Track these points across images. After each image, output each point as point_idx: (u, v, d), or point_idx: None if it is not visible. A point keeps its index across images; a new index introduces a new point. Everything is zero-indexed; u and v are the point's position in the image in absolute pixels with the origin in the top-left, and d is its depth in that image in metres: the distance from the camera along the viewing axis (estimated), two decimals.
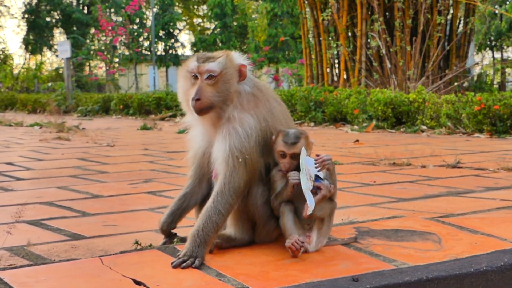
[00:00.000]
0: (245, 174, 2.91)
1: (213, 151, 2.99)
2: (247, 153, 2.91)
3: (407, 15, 15.31)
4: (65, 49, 22.10)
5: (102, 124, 15.27)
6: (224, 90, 2.95)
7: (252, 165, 2.93)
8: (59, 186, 5.25)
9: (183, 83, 3.02)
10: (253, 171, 2.95)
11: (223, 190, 2.87)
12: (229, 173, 2.89)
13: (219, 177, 2.92)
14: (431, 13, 15.48)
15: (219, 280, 2.56)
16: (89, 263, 2.80)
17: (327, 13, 16.60)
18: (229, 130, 2.92)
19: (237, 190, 2.89)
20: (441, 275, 2.66)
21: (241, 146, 2.90)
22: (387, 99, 11.63)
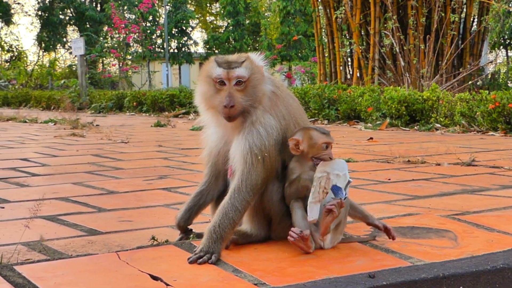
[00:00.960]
0: (262, 171, 2.91)
1: (232, 149, 3.00)
2: (266, 151, 2.92)
3: (421, 13, 15.28)
4: (79, 46, 22.17)
5: (116, 121, 15.32)
6: (253, 94, 2.96)
7: (270, 163, 2.94)
8: (75, 182, 5.27)
9: (206, 88, 2.99)
10: (271, 169, 2.95)
11: (240, 187, 2.88)
12: (247, 170, 2.89)
13: (237, 174, 2.93)
14: (445, 11, 15.44)
15: (235, 275, 2.57)
16: (106, 258, 2.82)
17: (341, 11, 16.59)
18: (250, 130, 2.94)
19: (254, 187, 2.90)
20: (458, 272, 2.65)
21: (261, 144, 2.91)
22: (401, 97, 11.61)
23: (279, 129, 2.99)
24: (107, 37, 41.96)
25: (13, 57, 52.82)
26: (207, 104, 3.01)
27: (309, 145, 2.94)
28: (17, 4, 56.00)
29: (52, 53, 53.46)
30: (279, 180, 3.01)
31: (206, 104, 3.02)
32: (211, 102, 2.97)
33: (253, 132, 2.93)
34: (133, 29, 31.99)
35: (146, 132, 11.29)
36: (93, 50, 35.41)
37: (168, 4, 45.76)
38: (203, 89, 3.01)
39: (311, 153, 2.94)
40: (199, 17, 59.83)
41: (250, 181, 2.89)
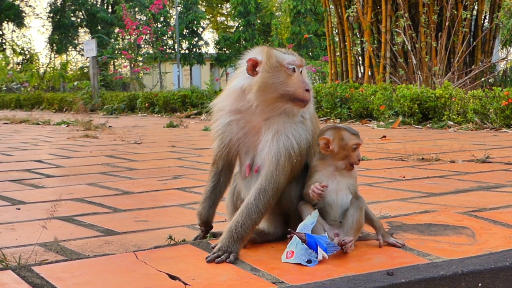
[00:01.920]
0: (289, 174, 2.90)
1: (262, 145, 2.95)
2: (299, 155, 2.91)
3: (432, 10, 15.23)
4: (91, 48, 22.22)
5: (129, 122, 15.35)
6: None
7: (298, 166, 2.94)
8: (89, 183, 5.28)
9: (273, 77, 2.89)
10: (296, 172, 2.95)
11: (266, 189, 2.86)
12: (277, 173, 2.87)
13: (263, 173, 2.90)
14: (457, 8, 15.38)
15: (253, 274, 2.56)
16: (124, 258, 2.82)
17: (352, 9, 16.56)
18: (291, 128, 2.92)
19: (279, 189, 2.88)
20: (476, 269, 2.64)
21: (297, 147, 2.89)
22: (413, 95, 11.59)
23: (311, 131, 3.00)
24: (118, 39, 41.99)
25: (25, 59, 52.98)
26: (274, 92, 2.89)
27: (339, 145, 2.91)
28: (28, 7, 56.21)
29: (63, 55, 53.63)
30: (296, 178, 3.00)
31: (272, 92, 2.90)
32: (281, 90, 2.88)
33: (295, 132, 2.92)
34: (144, 30, 32.02)
35: (159, 133, 11.31)
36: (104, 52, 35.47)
37: (179, 5, 45.81)
38: (269, 77, 2.89)
39: (341, 154, 2.91)
40: (210, 17, 59.85)
41: (278, 184, 2.87)
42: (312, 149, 3.05)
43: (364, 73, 17.40)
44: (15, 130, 12.96)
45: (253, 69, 2.93)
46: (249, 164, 3.03)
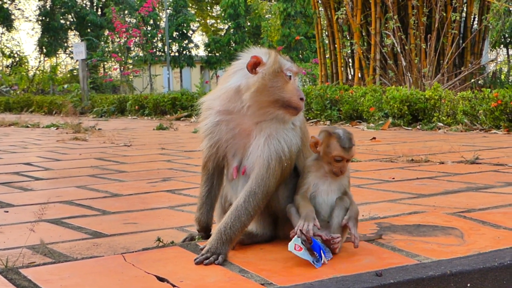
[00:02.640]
0: (279, 178, 2.90)
1: (252, 148, 2.94)
2: (290, 159, 2.91)
3: (422, 12, 15.27)
4: (80, 51, 22.19)
5: (118, 124, 15.32)
6: None
7: (289, 169, 2.94)
8: (78, 185, 5.26)
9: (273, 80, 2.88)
10: (286, 175, 2.95)
11: (256, 192, 2.85)
12: (267, 176, 2.86)
13: (252, 176, 2.89)
14: (446, 10, 15.43)
15: (242, 276, 2.56)
16: (112, 260, 2.81)
17: (342, 11, 16.58)
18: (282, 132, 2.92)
19: (269, 193, 2.88)
20: (465, 269, 2.64)
21: (288, 151, 2.89)
22: (403, 96, 11.60)
23: (300, 136, 3.00)
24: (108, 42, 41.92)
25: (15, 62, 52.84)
26: (270, 96, 2.88)
27: (324, 151, 2.89)
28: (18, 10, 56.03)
29: (53, 58, 53.50)
30: (286, 180, 2.99)
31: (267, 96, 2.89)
32: (276, 95, 2.88)
33: (286, 137, 2.92)
34: (134, 33, 31.94)
35: (149, 135, 11.29)
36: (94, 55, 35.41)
37: (169, 8, 45.78)
38: (269, 80, 2.88)
39: (325, 159, 2.90)
40: (200, 20, 59.81)
41: (268, 187, 2.87)
42: (302, 153, 3.05)
43: (354, 75, 17.43)
44: (4, 133, 12.92)
45: (254, 67, 2.92)
46: (237, 166, 3.02)
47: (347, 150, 2.85)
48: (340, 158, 2.85)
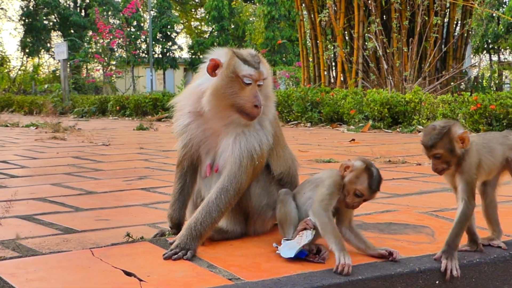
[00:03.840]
0: (251, 175, 2.91)
1: (223, 146, 2.95)
2: (262, 157, 2.90)
3: (404, 16, 15.32)
4: (62, 51, 22.09)
5: (98, 124, 15.26)
6: (267, 95, 2.99)
7: (260, 167, 2.94)
8: (53, 183, 5.22)
9: (226, 85, 2.88)
10: (258, 172, 2.95)
11: (228, 189, 2.85)
12: (239, 173, 2.87)
13: (225, 173, 2.90)
14: (428, 15, 15.49)
15: (210, 271, 2.55)
16: (80, 255, 2.79)
17: (324, 14, 16.60)
18: (252, 132, 2.92)
19: (241, 190, 2.88)
20: (434, 266, 2.65)
21: (259, 149, 2.90)
22: (383, 99, 11.63)
23: (272, 134, 2.99)
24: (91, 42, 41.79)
25: None
26: (225, 101, 2.89)
27: (350, 180, 2.75)
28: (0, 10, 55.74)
29: (36, 58, 53.25)
30: (257, 177, 2.99)
31: (222, 100, 2.89)
32: (231, 100, 2.88)
33: (256, 136, 2.92)
34: (117, 34, 31.87)
35: (128, 135, 11.25)
36: (77, 55, 35.28)
37: (153, 9, 45.68)
38: (221, 85, 2.88)
39: (347, 187, 2.76)
40: (184, 22, 59.72)
41: (239, 184, 2.86)
42: (275, 152, 3.05)
43: (337, 78, 17.44)
44: None
45: (213, 70, 2.92)
46: (210, 164, 3.02)
47: (371, 192, 2.76)
48: (360, 195, 2.75)
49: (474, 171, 2.73)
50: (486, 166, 2.79)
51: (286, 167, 3.13)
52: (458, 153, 2.70)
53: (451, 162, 2.71)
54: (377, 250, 2.72)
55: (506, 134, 2.92)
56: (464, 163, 2.72)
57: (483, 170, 2.78)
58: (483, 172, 2.79)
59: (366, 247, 2.75)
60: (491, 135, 2.92)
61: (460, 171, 2.73)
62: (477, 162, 2.74)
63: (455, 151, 2.69)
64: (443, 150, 2.69)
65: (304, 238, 2.70)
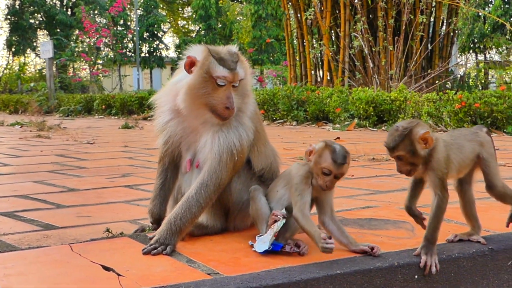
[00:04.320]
0: (231, 170, 2.91)
1: (202, 142, 2.96)
2: (242, 153, 2.90)
3: (390, 15, 15.35)
4: (47, 49, 22.02)
5: (84, 123, 15.21)
6: (243, 96, 2.97)
7: (240, 163, 2.93)
8: (36, 180, 5.20)
9: (200, 85, 2.89)
10: (238, 168, 2.95)
11: (208, 184, 2.85)
12: (219, 169, 2.87)
13: (205, 169, 2.90)
14: (414, 13, 15.52)
15: (189, 266, 2.55)
16: (58, 250, 2.78)
17: (310, 12, 16.61)
18: (231, 128, 2.92)
19: (221, 185, 2.88)
20: (413, 261, 2.66)
21: (241, 145, 2.90)
22: (368, 97, 11.65)
23: (252, 130, 2.99)
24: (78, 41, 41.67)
25: None
26: (198, 100, 2.90)
27: (315, 161, 2.77)
28: None
29: (21, 57, 53.04)
30: (238, 172, 3.00)
31: (196, 99, 2.90)
32: (204, 100, 2.89)
33: (236, 132, 2.92)
34: (103, 33, 31.80)
35: (113, 134, 11.22)
36: (63, 54, 35.18)
37: (139, 8, 45.60)
38: (195, 85, 2.89)
39: (314, 170, 2.78)
40: (171, 21, 59.63)
41: (220, 180, 2.86)
42: (256, 148, 3.05)
43: (323, 77, 17.45)
44: None
45: (190, 67, 2.93)
46: (190, 159, 3.03)
47: (338, 166, 2.74)
48: (328, 172, 2.74)
49: (444, 165, 2.71)
50: (456, 162, 2.76)
51: (268, 163, 3.13)
52: (421, 154, 2.67)
53: (415, 163, 2.69)
54: (359, 246, 2.72)
55: (476, 130, 2.90)
56: (432, 160, 2.69)
57: (453, 165, 2.75)
58: (454, 167, 2.76)
59: (349, 242, 2.75)
60: (459, 132, 2.89)
61: (430, 168, 2.71)
62: (446, 157, 2.71)
63: (417, 152, 2.66)
64: (404, 152, 2.66)
65: (275, 228, 2.71)
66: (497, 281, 2.84)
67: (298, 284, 2.39)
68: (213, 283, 2.32)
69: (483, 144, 2.85)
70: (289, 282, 2.38)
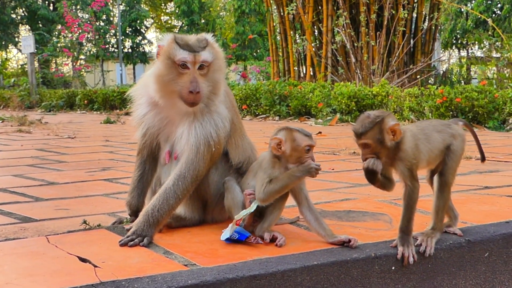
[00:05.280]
0: (209, 162, 2.90)
1: (178, 133, 2.95)
2: (218, 143, 2.90)
3: (372, 10, 15.37)
4: (29, 44, 21.87)
5: (66, 118, 15.12)
6: (213, 80, 2.94)
7: (217, 154, 2.93)
8: (15, 174, 5.18)
9: (165, 71, 2.88)
10: (216, 159, 2.95)
11: (185, 176, 2.84)
12: (196, 160, 2.86)
13: (182, 160, 2.89)
14: (396, 9, 15.56)
15: (166, 257, 2.54)
16: (35, 242, 2.77)
17: (292, 7, 16.61)
18: (209, 118, 2.91)
19: (198, 176, 2.88)
20: (390, 252, 2.67)
21: (217, 136, 2.89)
22: (350, 92, 11.67)
23: (229, 120, 2.98)
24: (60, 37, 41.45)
25: None
26: (165, 88, 2.89)
27: (292, 147, 2.81)
28: None
29: (3, 52, 52.73)
30: (215, 164, 2.99)
31: (163, 88, 2.90)
32: (171, 87, 2.87)
33: (212, 122, 2.91)
34: (86, 28, 31.64)
35: (95, 128, 11.17)
36: (45, 49, 34.99)
37: (122, 3, 45.44)
38: (160, 72, 2.89)
39: (294, 156, 2.82)
40: (154, 16, 59.50)
41: (197, 171, 2.86)
42: (232, 139, 3.05)
43: (306, 72, 17.46)
44: None
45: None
46: (169, 151, 3.02)
47: (311, 138, 2.84)
48: (309, 147, 2.82)
49: (412, 156, 2.70)
50: (425, 152, 2.75)
51: (245, 157, 3.12)
52: (388, 145, 2.67)
53: (380, 153, 2.70)
54: (337, 237, 2.73)
55: (449, 122, 2.88)
56: (400, 151, 2.69)
57: (422, 155, 2.75)
58: (423, 157, 2.76)
59: (326, 234, 2.76)
60: (428, 123, 2.89)
61: (398, 158, 2.70)
62: (414, 147, 2.71)
63: (385, 142, 2.66)
64: (371, 140, 2.68)
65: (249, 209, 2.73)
66: (474, 273, 2.85)
67: (275, 275, 2.40)
68: (190, 274, 2.31)
69: (454, 136, 2.83)
70: (265, 273, 2.38)
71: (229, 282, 2.30)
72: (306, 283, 2.46)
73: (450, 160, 2.83)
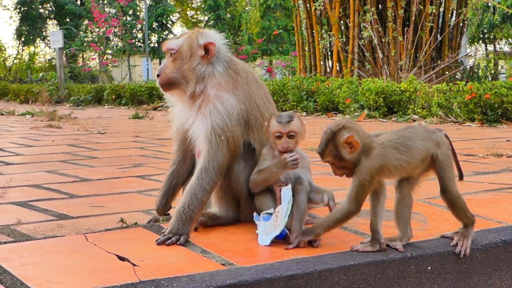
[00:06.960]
0: (227, 152, 2.91)
1: (193, 128, 2.99)
2: (229, 131, 2.91)
3: (399, 5, 15.30)
4: (57, 39, 22.01)
5: (94, 113, 15.23)
6: (181, 67, 3.02)
7: (234, 143, 2.94)
8: (48, 170, 5.23)
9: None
10: (235, 149, 2.96)
11: (207, 167, 2.87)
12: (213, 151, 2.89)
13: (202, 154, 2.93)
14: (423, 4, 15.48)
15: (203, 256, 2.56)
16: (74, 240, 2.80)
17: (319, 2, 16.58)
18: (210, 108, 2.93)
19: (220, 167, 2.89)
20: (426, 253, 2.67)
21: (223, 124, 2.90)
22: (378, 88, 11.64)
23: (239, 110, 2.97)
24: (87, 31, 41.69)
25: None
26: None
27: (267, 132, 2.94)
28: None
29: (31, 47, 53.10)
30: (244, 160, 3.01)
31: None
32: None
33: (213, 111, 2.93)
34: (113, 23, 31.80)
35: (124, 124, 11.24)
36: (72, 44, 35.22)
37: None
38: None
39: (271, 141, 2.95)
40: (180, 11, 59.58)
41: (217, 161, 2.88)
42: (255, 134, 3.04)
43: (333, 67, 17.43)
44: None
45: None
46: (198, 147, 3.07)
47: (284, 125, 2.87)
48: (279, 134, 2.88)
49: (368, 176, 2.58)
50: (394, 168, 2.62)
51: None
52: (348, 158, 2.57)
53: (348, 167, 2.61)
54: None
55: (434, 130, 2.75)
56: (359, 166, 2.58)
57: (389, 173, 2.64)
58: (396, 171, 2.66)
59: None
60: (412, 130, 2.70)
61: (356, 171, 2.60)
62: (377, 167, 2.58)
63: (344, 157, 2.57)
64: (331, 157, 2.59)
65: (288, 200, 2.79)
66: (510, 273, 2.85)
67: (312, 275, 2.41)
68: (228, 274, 2.33)
69: (439, 144, 2.71)
70: (303, 273, 2.40)
71: (267, 282, 2.32)
72: (343, 283, 2.47)
73: (443, 171, 2.73)
